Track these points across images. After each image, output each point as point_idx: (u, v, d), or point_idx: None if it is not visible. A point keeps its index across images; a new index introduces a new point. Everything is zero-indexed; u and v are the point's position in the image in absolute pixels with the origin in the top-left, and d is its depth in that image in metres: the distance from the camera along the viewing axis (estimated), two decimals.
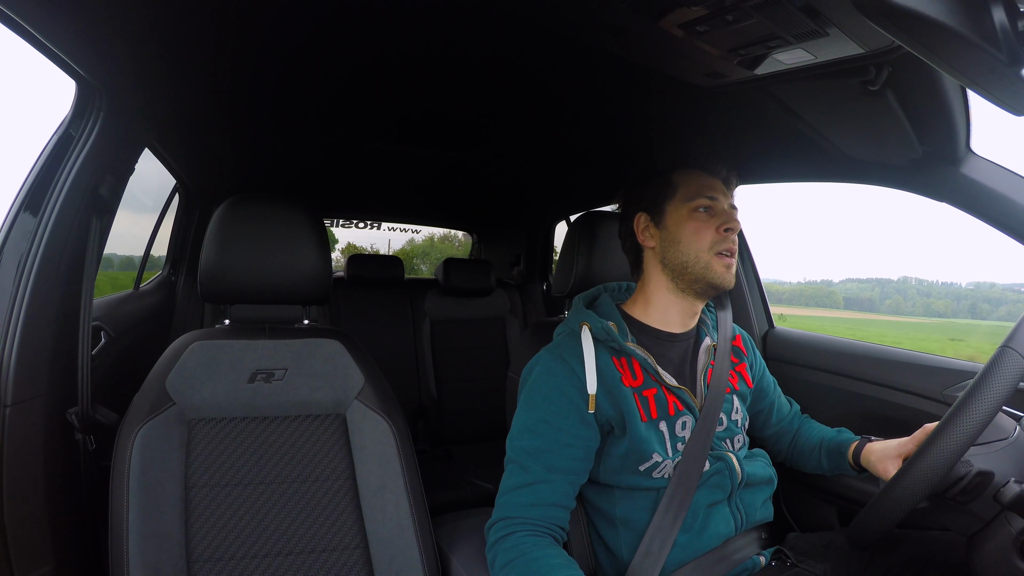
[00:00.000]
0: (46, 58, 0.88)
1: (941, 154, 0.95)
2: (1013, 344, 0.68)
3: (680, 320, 0.97)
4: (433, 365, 2.25)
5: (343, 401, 1.01)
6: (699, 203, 0.92)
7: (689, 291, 0.94)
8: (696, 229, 0.92)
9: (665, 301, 0.96)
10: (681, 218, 0.93)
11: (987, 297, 39.67)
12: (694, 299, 0.96)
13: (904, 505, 0.70)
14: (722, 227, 0.91)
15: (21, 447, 0.85)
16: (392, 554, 0.95)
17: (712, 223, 0.92)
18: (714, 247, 0.91)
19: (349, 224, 2.98)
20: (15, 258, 0.88)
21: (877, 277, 48.89)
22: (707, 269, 0.91)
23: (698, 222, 0.92)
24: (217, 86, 1.12)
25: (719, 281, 0.91)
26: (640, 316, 0.98)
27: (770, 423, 1.10)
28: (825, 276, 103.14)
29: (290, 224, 1.02)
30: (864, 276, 29.20)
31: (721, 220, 0.91)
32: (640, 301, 0.99)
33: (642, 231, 0.97)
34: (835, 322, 24.94)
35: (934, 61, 0.49)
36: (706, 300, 0.98)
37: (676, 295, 0.96)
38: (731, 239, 0.91)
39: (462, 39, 0.88)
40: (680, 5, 0.67)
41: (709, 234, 0.91)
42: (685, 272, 0.93)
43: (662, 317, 0.97)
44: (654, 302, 0.97)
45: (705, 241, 0.91)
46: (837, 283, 45.66)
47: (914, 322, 25.42)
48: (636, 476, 0.88)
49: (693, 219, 0.92)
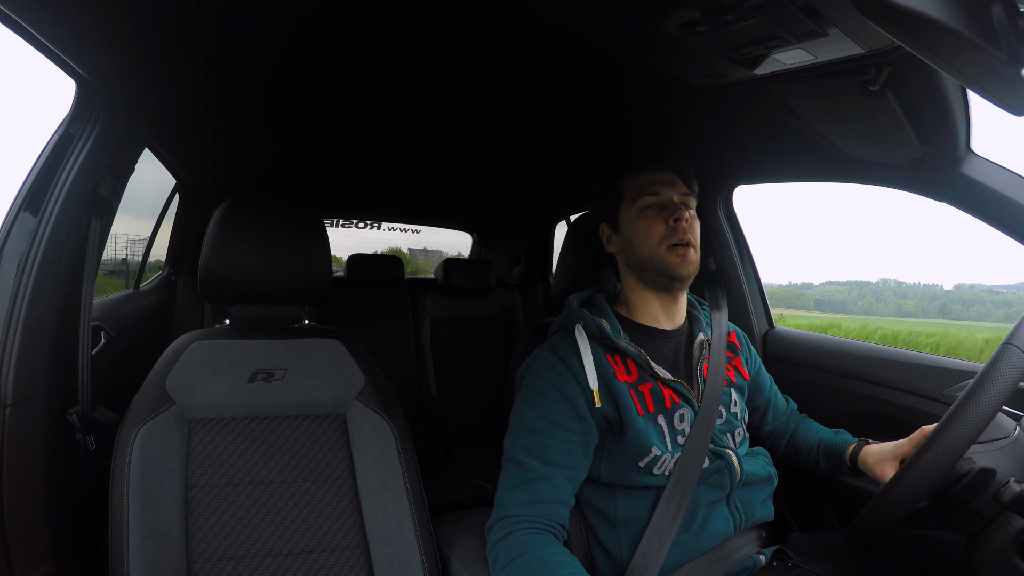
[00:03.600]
0: (46, 58, 0.88)
1: (941, 154, 0.95)
2: (1015, 341, 0.68)
3: (666, 315, 0.99)
4: (433, 365, 2.25)
5: (343, 401, 1.01)
6: (643, 201, 0.95)
7: (654, 286, 0.97)
8: (644, 227, 0.95)
9: (642, 299, 0.99)
10: (631, 219, 0.97)
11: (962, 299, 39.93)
12: (664, 292, 0.98)
13: (906, 503, 0.70)
14: (670, 218, 0.93)
15: (21, 447, 0.85)
16: (392, 554, 0.95)
17: (660, 217, 0.94)
18: (664, 240, 0.93)
19: (349, 224, 2.98)
20: (15, 258, 0.88)
21: (856, 279, 49.45)
22: (661, 262, 0.93)
23: (646, 220, 0.95)
24: (217, 86, 1.12)
25: (675, 272, 0.93)
26: (629, 314, 1.00)
27: (767, 420, 1.11)
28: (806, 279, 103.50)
29: (290, 224, 1.02)
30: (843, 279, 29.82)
31: (668, 212, 0.93)
32: (624, 303, 1.02)
33: (607, 240, 1.03)
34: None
35: (934, 61, 0.49)
36: (679, 291, 0.99)
37: (647, 291, 0.98)
38: (681, 229, 0.92)
39: (462, 38, 0.88)
40: (680, 5, 0.67)
41: (659, 229, 0.93)
42: (645, 269, 0.96)
43: (647, 314, 0.99)
44: (633, 301, 1.00)
45: (655, 236, 0.93)
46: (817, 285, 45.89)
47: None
48: (636, 473, 0.88)
49: (641, 218, 0.95)
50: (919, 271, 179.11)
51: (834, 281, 45.18)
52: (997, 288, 41.89)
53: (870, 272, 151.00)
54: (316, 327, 1.08)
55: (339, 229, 2.97)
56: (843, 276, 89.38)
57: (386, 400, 1.03)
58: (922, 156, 0.98)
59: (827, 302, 36.35)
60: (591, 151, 1.54)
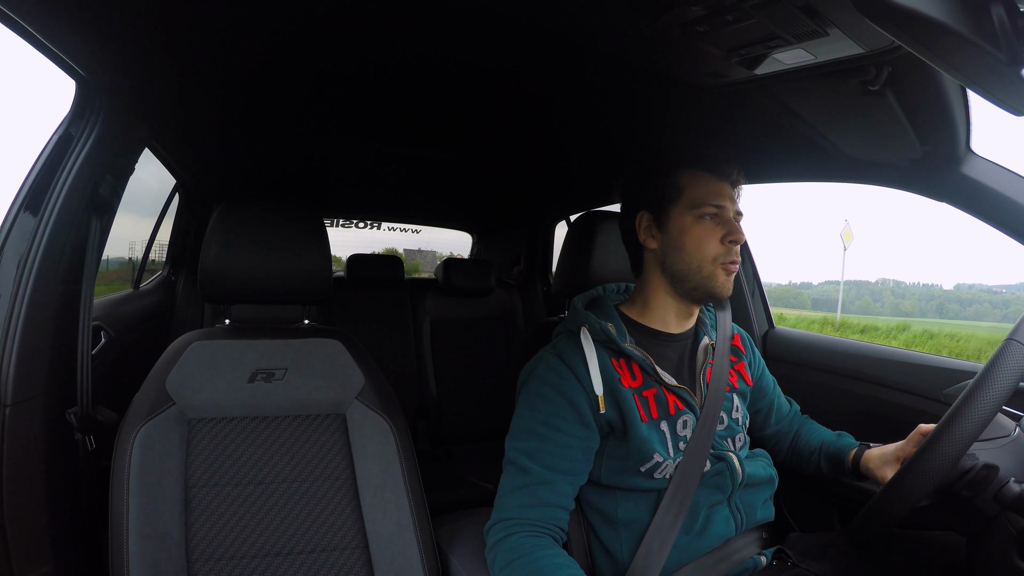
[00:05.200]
0: (46, 58, 0.88)
1: (941, 154, 0.95)
2: (1018, 337, 0.68)
3: (677, 321, 0.97)
4: (433, 365, 2.25)
5: (343, 401, 1.01)
6: (705, 211, 0.89)
7: (687, 297, 0.93)
8: (700, 238, 0.89)
9: (663, 303, 0.95)
10: (685, 224, 0.90)
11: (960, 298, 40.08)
12: (691, 303, 0.95)
13: (906, 503, 0.70)
14: (727, 238, 0.88)
15: (21, 447, 0.85)
16: (392, 554, 0.95)
17: (717, 233, 0.89)
18: (718, 259, 0.89)
19: (349, 224, 2.98)
20: (15, 258, 0.88)
21: (855, 279, 49.69)
22: (709, 279, 0.89)
23: (703, 231, 0.89)
24: (217, 86, 1.12)
25: (719, 291, 0.90)
26: (638, 317, 0.97)
27: (770, 422, 1.10)
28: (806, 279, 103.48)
29: (290, 224, 1.02)
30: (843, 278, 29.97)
31: (726, 231, 0.89)
32: (639, 302, 0.98)
33: (643, 230, 0.95)
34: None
35: (934, 61, 0.49)
36: (703, 304, 0.98)
37: (674, 298, 0.95)
38: (735, 251, 0.89)
39: (462, 38, 0.88)
40: (680, 5, 0.67)
41: (714, 245, 0.89)
42: (685, 279, 0.91)
43: (660, 318, 0.96)
44: (652, 303, 0.96)
45: (709, 252, 0.89)
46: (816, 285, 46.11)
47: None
48: (637, 477, 0.88)
49: (698, 227, 0.89)
50: (919, 271, 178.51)
51: (833, 281, 45.38)
52: (997, 288, 41.99)
53: (870, 272, 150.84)
54: (316, 327, 1.08)
55: (339, 229, 2.97)
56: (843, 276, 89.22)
57: (386, 400, 1.03)
58: (922, 156, 0.98)
59: (824, 301, 36.53)
60: (591, 151, 1.54)
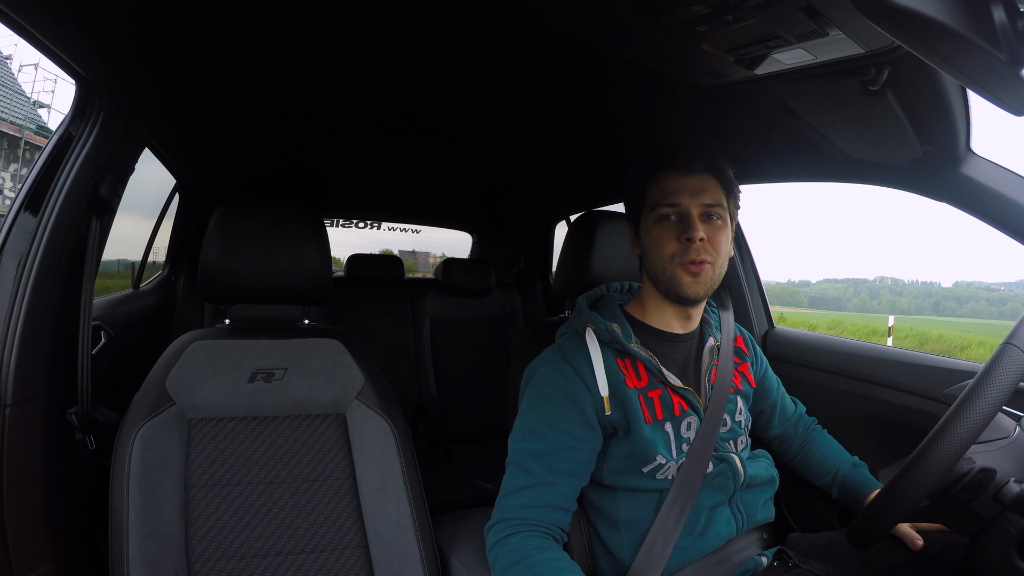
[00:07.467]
0: (46, 58, 0.88)
1: (941, 154, 0.95)
2: (1015, 341, 0.68)
3: (679, 321, 0.96)
4: (433, 365, 2.25)
5: (343, 401, 1.01)
6: (662, 211, 0.88)
7: (667, 299, 0.93)
8: (657, 240, 0.88)
9: (657, 305, 0.96)
10: (649, 227, 0.91)
11: (957, 296, 40.08)
12: (677, 305, 0.94)
13: (906, 504, 0.70)
14: (683, 236, 0.86)
15: (21, 447, 0.85)
16: (392, 554, 0.95)
17: (674, 232, 0.87)
18: (675, 258, 0.87)
19: (349, 224, 2.98)
20: (15, 258, 0.88)
21: (853, 277, 49.85)
22: (672, 280, 0.88)
23: (661, 231, 0.88)
24: (217, 86, 1.12)
25: (685, 292, 0.87)
26: (642, 317, 0.97)
27: (773, 423, 1.10)
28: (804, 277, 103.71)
29: (290, 224, 1.02)
30: (840, 276, 29.99)
31: (683, 227, 0.86)
32: (641, 303, 0.99)
33: (632, 240, 0.98)
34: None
35: (934, 61, 0.49)
36: (691, 305, 0.94)
37: (662, 300, 0.94)
38: (693, 249, 0.85)
39: (462, 38, 0.88)
40: (680, 5, 0.67)
41: (671, 244, 0.87)
42: (657, 283, 0.91)
43: (662, 319, 0.96)
44: (648, 305, 0.97)
45: (666, 252, 0.87)
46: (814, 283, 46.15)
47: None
48: (639, 478, 0.87)
49: (657, 228, 0.89)
50: (918, 269, 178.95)
51: (831, 279, 45.51)
52: (995, 286, 42.18)
53: (868, 270, 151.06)
54: (316, 327, 1.08)
55: (339, 229, 2.97)
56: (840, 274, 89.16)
57: (386, 400, 1.03)
58: (922, 156, 0.98)
59: (821, 299, 36.72)
60: (591, 151, 1.54)
